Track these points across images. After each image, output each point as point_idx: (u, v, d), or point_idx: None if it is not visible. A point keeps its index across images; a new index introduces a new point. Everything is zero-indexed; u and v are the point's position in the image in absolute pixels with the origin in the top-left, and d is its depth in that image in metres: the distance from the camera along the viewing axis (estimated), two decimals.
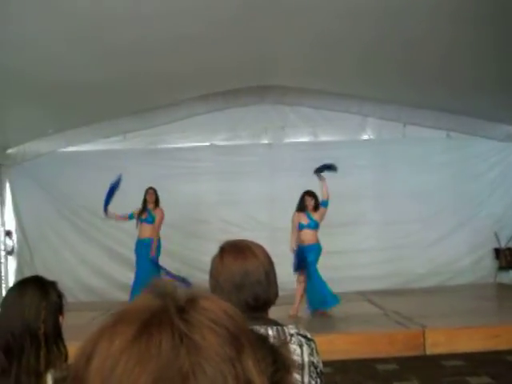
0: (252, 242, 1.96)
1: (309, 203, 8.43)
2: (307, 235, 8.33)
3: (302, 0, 6.72)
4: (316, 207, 8.45)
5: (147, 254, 9.00)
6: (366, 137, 11.40)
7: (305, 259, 8.18)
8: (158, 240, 9.21)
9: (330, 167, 8.58)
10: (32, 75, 7.61)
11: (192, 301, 0.64)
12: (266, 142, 11.20)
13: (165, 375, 0.56)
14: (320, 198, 8.43)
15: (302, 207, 8.49)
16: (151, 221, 9.15)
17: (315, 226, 8.38)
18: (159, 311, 0.62)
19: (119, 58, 7.78)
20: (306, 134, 11.32)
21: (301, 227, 8.40)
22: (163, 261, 10.07)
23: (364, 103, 10.97)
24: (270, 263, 1.92)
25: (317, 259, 8.30)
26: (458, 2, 6.49)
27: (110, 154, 10.83)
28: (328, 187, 8.40)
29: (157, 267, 8.94)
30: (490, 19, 6.81)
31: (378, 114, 11.15)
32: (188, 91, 10.16)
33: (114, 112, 10.31)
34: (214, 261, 1.93)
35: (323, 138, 11.26)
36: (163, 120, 10.82)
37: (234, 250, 1.91)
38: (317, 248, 8.32)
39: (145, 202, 9.21)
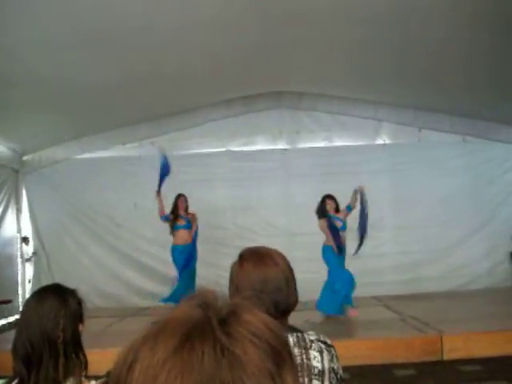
0: (272, 249, 1.96)
1: (331, 206, 8.46)
2: (343, 238, 8.40)
3: (317, 7, 6.72)
4: (337, 209, 8.50)
5: (184, 260, 9.00)
6: (381, 141, 11.34)
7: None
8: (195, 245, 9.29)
9: None
10: (48, 82, 7.68)
11: (234, 313, 0.65)
12: (281, 147, 11.20)
13: None
14: (346, 203, 8.49)
15: (323, 211, 8.46)
16: (189, 226, 9.19)
17: (346, 227, 8.47)
18: (201, 323, 0.62)
19: (136, 64, 7.82)
20: (321, 138, 11.30)
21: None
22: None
23: (379, 108, 10.96)
24: (290, 270, 1.92)
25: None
26: (476, 8, 6.46)
27: (126, 161, 10.89)
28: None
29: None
30: (506, 24, 6.78)
31: (393, 119, 11.11)
32: (204, 97, 10.20)
33: (130, 118, 10.37)
34: (233, 267, 1.93)
35: (338, 143, 11.24)
36: (179, 126, 10.86)
37: (254, 256, 1.91)
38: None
39: (176, 208, 9.24)
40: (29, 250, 10.89)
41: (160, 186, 9.09)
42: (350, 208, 8.47)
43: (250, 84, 9.99)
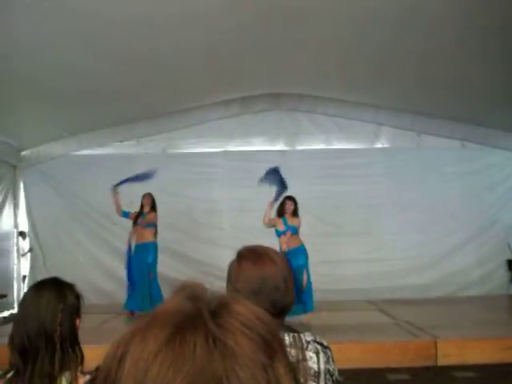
0: (270, 248, 1.95)
1: (288, 208, 8.29)
2: (286, 241, 8.11)
3: (317, 8, 6.72)
4: (295, 212, 8.31)
5: (141, 258, 8.92)
6: (379, 145, 11.36)
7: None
8: (155, 244, 9.07)
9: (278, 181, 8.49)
10: (47, 79, 7.68)
11: (224, 305, 0.64)
12: (279, 148, 11.20)
13: (198, 379, 0.57)
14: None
15: (281, 212, 8.33)
16: (145, 225, 9.02)
17: (292, 231, 8.17)
18: (192, 314, 0.62)
19: (135, 63, 7.82)
20: (320, 141, 11.31)
21: (278, 234, 8.22)
22: (177, 266, 10.12)
23: (378, 112, 10.97)
24: (288, 269, 1.91)
25: (307, 261, 8.15)
26: (475, 14, 6.48)
27: (123, 158, 10.88)
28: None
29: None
30: (504, 31, 6.80)
31: (393, 123, 11.13)
32: (203, 97, 10.21)
33: (128, 116, 10.37)
34: (231, 266, 1.92)
35: (336, 146, 11.25)
36: (177, 125, 10.87)
37: (252, 255, 1.90)
38: (302, 250, 8.16)
39: (142, 206, 9.15)
40: (25, 245, 10.87)
41: (121, 183, 9.06)
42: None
43: (248, 85, 10.00)
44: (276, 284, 1.84)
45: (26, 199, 10.99)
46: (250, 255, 1.90)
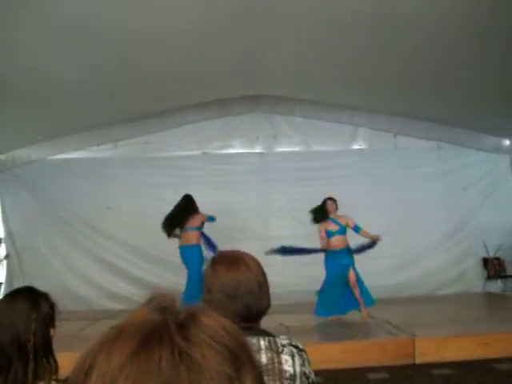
0: (244, 253, 1.96)
1: (331, 207, 8.48)
2: (338, 241, 8.40)
3: (293, 10, 6.75)
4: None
5: (196, 260, 8.87)
6: (357, 146, 11.43)
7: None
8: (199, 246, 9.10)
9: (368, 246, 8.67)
10: (20, 82, 7.59)
11: (192, 317, 0.64)
12: (257, 151, 11.21)
13: None
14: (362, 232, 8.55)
15: (324, 214, 8.49)
16: (195, 228, 9.06)
17: (344, 231, 8.46)
18: (159, 327, 0.61)
19: (110, 65, 7.77)
20: (298, 143, 11.33)
21: (330, 234, 8.42)
22: (154, 269, 10.05)
23: (355, 113, 11.02)
24: (263, 274, 1.92)
25: (352, 259, 8.50)
26: (451, 14, 6.54)
27: (100, 162, 10.79)
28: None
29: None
30: (482, 30, 6.88)
31: (369, 124, 11.21)
32: (181, 100, 10.15)
33: (105, 120, 10.27)
34: (206, 271, 1.93)
35: (314, 148, 11.28)
36: (155, 128, 10.80)
37: (227, 260, 1.91)
38: (348, 250, 8.46)
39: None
40: (1, 251, 10.73)
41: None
42: (358, 229, 8.54)
43: (226, 88, 9.97)
44: (250, 288, 1.84)
45: (1, 204, 10.84)
46: (224, 260, 1.91)
